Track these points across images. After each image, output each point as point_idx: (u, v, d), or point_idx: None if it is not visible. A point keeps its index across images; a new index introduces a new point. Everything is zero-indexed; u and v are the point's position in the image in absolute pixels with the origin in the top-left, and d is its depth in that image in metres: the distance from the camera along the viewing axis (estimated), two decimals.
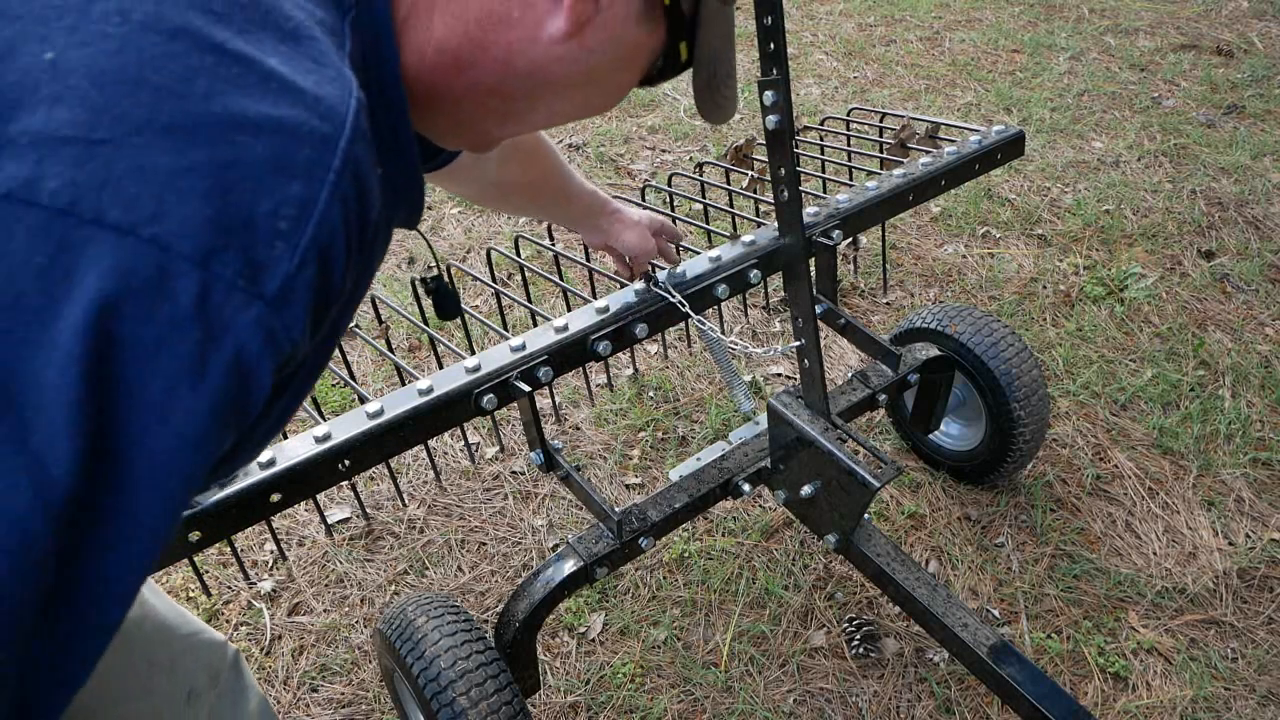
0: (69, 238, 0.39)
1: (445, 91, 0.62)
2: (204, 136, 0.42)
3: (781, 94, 1.19)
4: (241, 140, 0.43)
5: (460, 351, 1.49)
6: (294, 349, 0.47)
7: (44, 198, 0.39)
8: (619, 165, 3.53)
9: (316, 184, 0.45)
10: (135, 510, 0.42)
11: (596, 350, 1.30)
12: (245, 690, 1.06)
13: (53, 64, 0.40)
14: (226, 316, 0.42)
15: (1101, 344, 2.47)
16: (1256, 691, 1.66)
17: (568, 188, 1.34)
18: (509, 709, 1.31)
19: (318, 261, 0.46)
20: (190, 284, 0.41)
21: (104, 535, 0.42)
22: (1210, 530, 1.96)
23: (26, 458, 0.38)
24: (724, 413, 2.31)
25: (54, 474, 0.39)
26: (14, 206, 0.38)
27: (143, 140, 0.41)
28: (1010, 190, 3.21)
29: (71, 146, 0.39)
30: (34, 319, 0.38)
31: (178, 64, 0.42)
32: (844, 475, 1.43)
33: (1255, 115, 3.62)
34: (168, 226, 0.40)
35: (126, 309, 0.40)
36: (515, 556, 1.99)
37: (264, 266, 0.43)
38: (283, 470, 1.08)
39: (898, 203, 1.65)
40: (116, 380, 0.40)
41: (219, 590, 1.94)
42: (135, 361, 0.40)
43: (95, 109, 0.40)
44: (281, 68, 0.46)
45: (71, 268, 0.39)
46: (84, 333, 0.39)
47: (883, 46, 4.52)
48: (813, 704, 1.68)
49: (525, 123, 0.69)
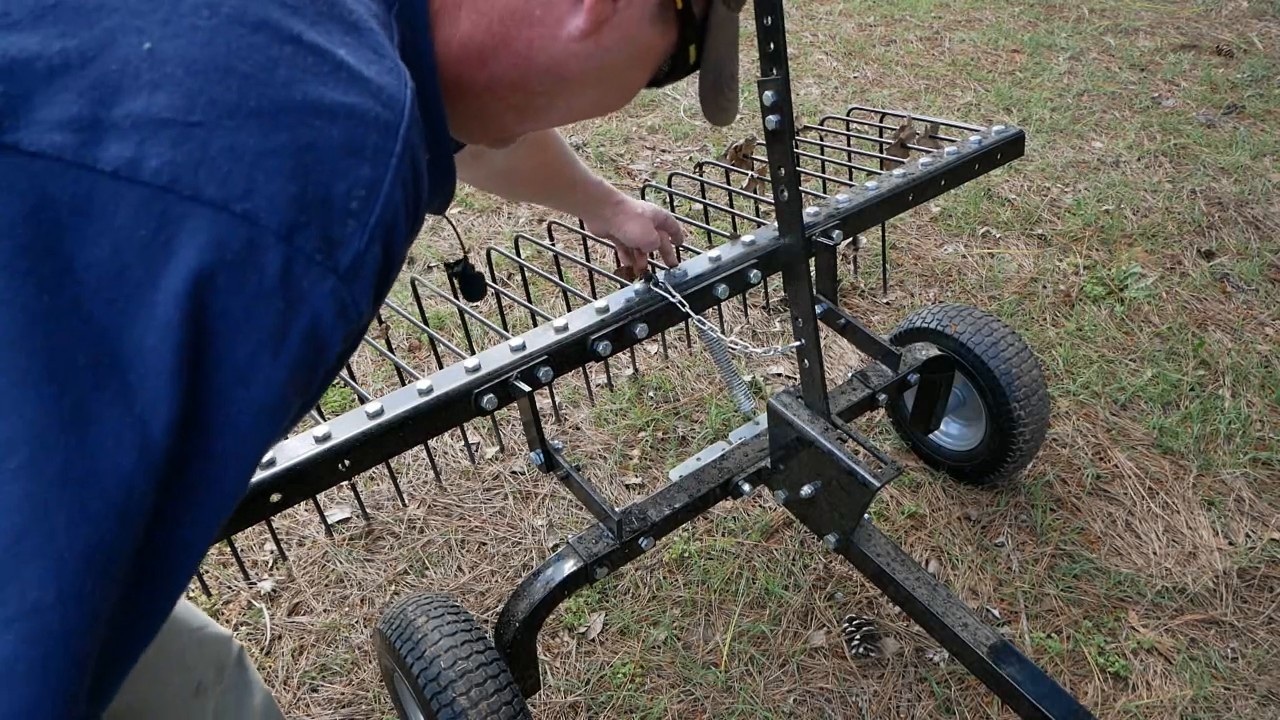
0: (169, 213, 0.42)
1: (469, 85, 0.65)
2: (286, 120, 0.45)
3: (781, 94, 1.19)
4: (319, 125, 0.46)
5: (460, 351, 1.49)
6: (360, 321, 0.50)
7: (146, 175, 0.42)
8: (619, 165, 3.53)
9: (382, 167, 0.48)
10: (214, 474, 0.45)
11: (596, 350, 1.30)
12: (250, 685, 1.06)
13: (150, 53, 0.43)
14: (305, 288, 0.45)
15: (1101, 344, 2.47)
16: (1256, 691, 1.66)
17: (573, 175, 1.36)
18: (509, 709, 1.31)
19: (383, 240, 0.49)
20: (276, 257, 0.44)
21: (186, 497, 0.44)
22: (1210, 530, 1.96)
23: (132, 419, 0.41)
24: (724, 413, 2.31)
25: (155, 435, 0.42)
26: (119, 184, 0.41)
27: (233, 123, 0.44)
28: (1010, 190, 3.21)
29: (170, 128, 0.42)
30: (136, 289, 0.41)
31: (261, 54, 0.46)
32: (844, 475, 1.43)
33: (1255, 115, 3.62)
34: (257, 203, 0.43)
35: (220, 280, 0.43)
36: (515, 556, 1.99)
37: (338, 243, 0.46)
38: (283, 470, 1.08)
39: (898, 203, 1.65)
40: (207, 348, 0.43)
41: (219, 590, 1.94)
42: (225, 331, 0.43)
43: (190, 94, 0.43)
44: (349, 58, 0.49)
45: (171, 240, 0.42)
46: (182, 302, 0.42)
47: (883, 46, 4.52)
48: (813, 704, 1.68)
49: (542, 119, 0.71)
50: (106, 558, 0.41)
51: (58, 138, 0.41)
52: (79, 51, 0.42)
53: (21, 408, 0.39)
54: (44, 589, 0.39)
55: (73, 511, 0.40)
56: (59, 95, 0.41)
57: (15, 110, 0.41)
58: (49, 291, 0.40)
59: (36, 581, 0.39)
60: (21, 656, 0.38)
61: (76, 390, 0.40)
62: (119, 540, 0.41)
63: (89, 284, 0.41)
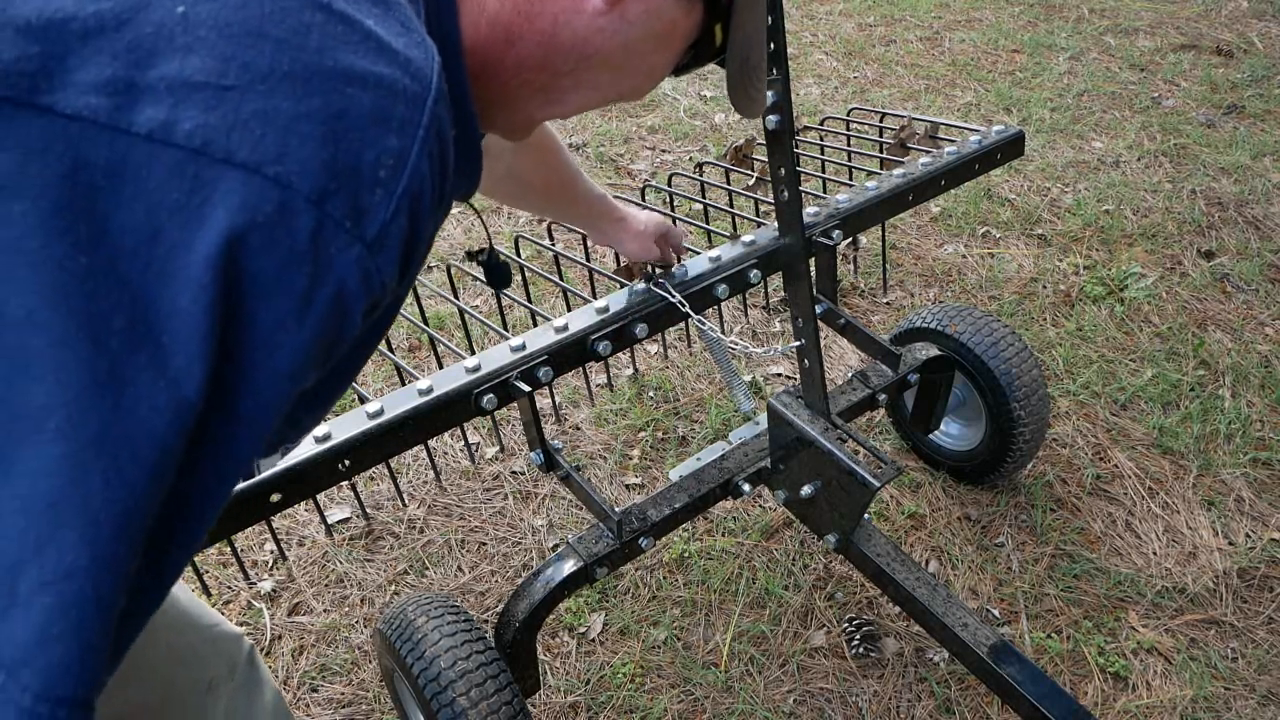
0: (202, 175, 0.42)
1: (495, 68, 0.64)
2: (319, 86, 0.45)
3: (781, 94, 1.19)
4: (350, 92, 0.46)
5: (460, 351, 1.49)
6: (383, 292, 0.50)
7: (180, 138, 0.42)
8: (619, 165, 3.53)
9: (409, 139, 0.48)
10: (237, 436, 0.45)
11: (596, 350, 1.30)
12: (260, 683, 1.06)
13: (184, 17, 0.44)
14: (332, 254, 0.45)
15: (1101, 344, 2.47)
16: (1256, 691, 1.66)
17: (575, 189, 1.37)
18: (509, 709, 1.31)
19: (409, 211, 0.49)
20: (308, 221, 0.44)
21: (209, 458, 0.45)
22: (1210, 530, 1.96)
23: (166, 381, 0.42)
24: (724, 413, 2.31)
25: (188, 396, 0.42)
26: (153, 146, 0.41)
27: (266, 87, 0.44)
28: (1010, 190, 3.21)
29: (203, 92, 0.43)
30: (170, 252, 0.42)
31: (293, 19, 0.46)
32: (844, 475, 1.43)
33: (1255, 115, 3.62)
34: (290, 166, 0.43)
35: (252, 241, 0.43)
36: (515, 556, 1.99)
37: (366, 211, 0.46)
38: (283, 470, 1.08)
39: (898, 203, 1.65)
40: (238, 309, 0.43)
41: (219, 590, 1.94)
42: (255, 293, 0.43)
43: (224, 58, 0.43)
44: (377, 29, 0.49)
45: (204, 203, 0.42)
46: (214, 263, 0.42)
47: (883, 46, 4.52)
48: (813, 704, 1.68)
49: (565, 104, 0.71)
50: (138, 521, 0.41)
51: (93, 100, 0.41)
52: (114, 14, 0.43)
53: (59, 369, 0.39)
54: (78, 553, 0.39)
55: (109, 475, 0.40)
56: (94, 57, 0.42)
57: (51, 72, 0.41)
58: (85, 252, 0.40)
59: (72, 545, 0.39)
60: (56, 619, 0.39)
61: (112, 352, 0.40)
62: (149, 503, 0.42)
63: (124, 246, 0.41)
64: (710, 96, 4.03)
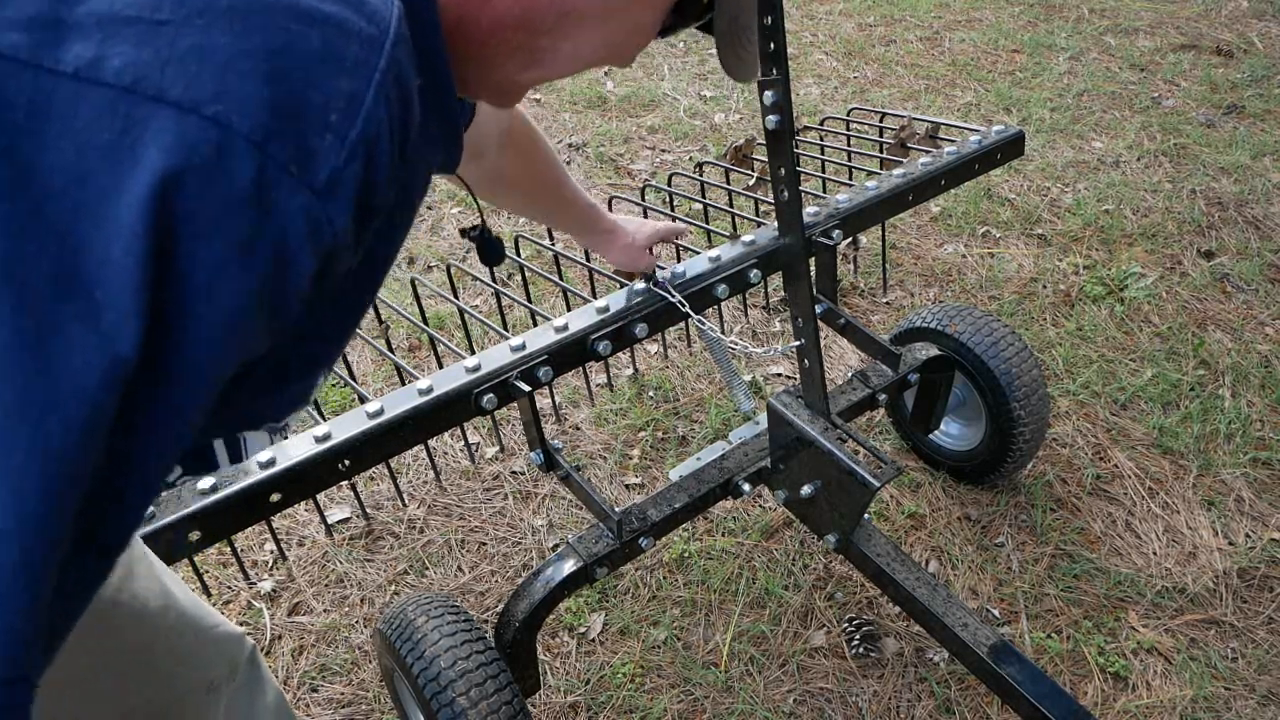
0: (133, 114, 0.39)
1: (472, 27, 0.62)
2: (261, 21, 0.42)
3: (781, 94, 1.19)
4: (297, 29, 0.43)
5: (460, 351, 1.50)
6: (334, 243, 0.47)
7: (109, 76, 0.39)
8: (619, 165, 3.53)
9: (363, 81, 0.46)
10: (174, 391, 0.43)
11: (596, 350, 1.30)
12: (262, 684, 1.06)
13: None
14: (276, 199, 0.43)
15: (1101, 344, 2.47)
16: (1256, 691, 1.66)
17: (561, 194, 1.35)
18: (509, 709, 1.31)
19: (364, 158, 0.46)
20: (249, 164, 0.41)
21: (147, 413, 0.42)
22: (1210, 530, 1.96)
23: (99, 337, 0.39)
24: (724, 413, 2.31)
25: (122, 352, 0.39)
26: (80, 85, 0.39)
27: (204, 22, 0.41)
28: (1010, 190, 3.21)
29: (134, 26, 0.40)
30: (100, 196, 0.39)
31: None
32: (844, 475, 1.43)
33: (1255, 115, 3.62)
34: (228, 105, 0.41)
35: (188, 184, 0.40)
36: (515, 556, 1.99)
37: (313, 155, 0.44)
38: (283, 470, 1.08)
39: (898, 203, 1.65)
40: (174, 257, 0.41)
41: (219, 590, 1.94)
42: (191, 238, 0.41)
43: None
44: None
45: (136, 144, 0.39)
46: (146, 207, 0.39)
47: (883, 46, 4.52)
48: (813, 704, 1.68)
49: (547, 65, 0.68)
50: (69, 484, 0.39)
51: (14, 36, 0.39)
52: None
53: None
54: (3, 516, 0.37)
55: (34, 439, 0.38)
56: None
57: None
58: (6, 198, 0.38)
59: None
60: None
61: (38, 306, 0.38)
62: (80, 466, 0.39)
63: (51, 191, 0.38)
64: (710, 96, 4.03)
